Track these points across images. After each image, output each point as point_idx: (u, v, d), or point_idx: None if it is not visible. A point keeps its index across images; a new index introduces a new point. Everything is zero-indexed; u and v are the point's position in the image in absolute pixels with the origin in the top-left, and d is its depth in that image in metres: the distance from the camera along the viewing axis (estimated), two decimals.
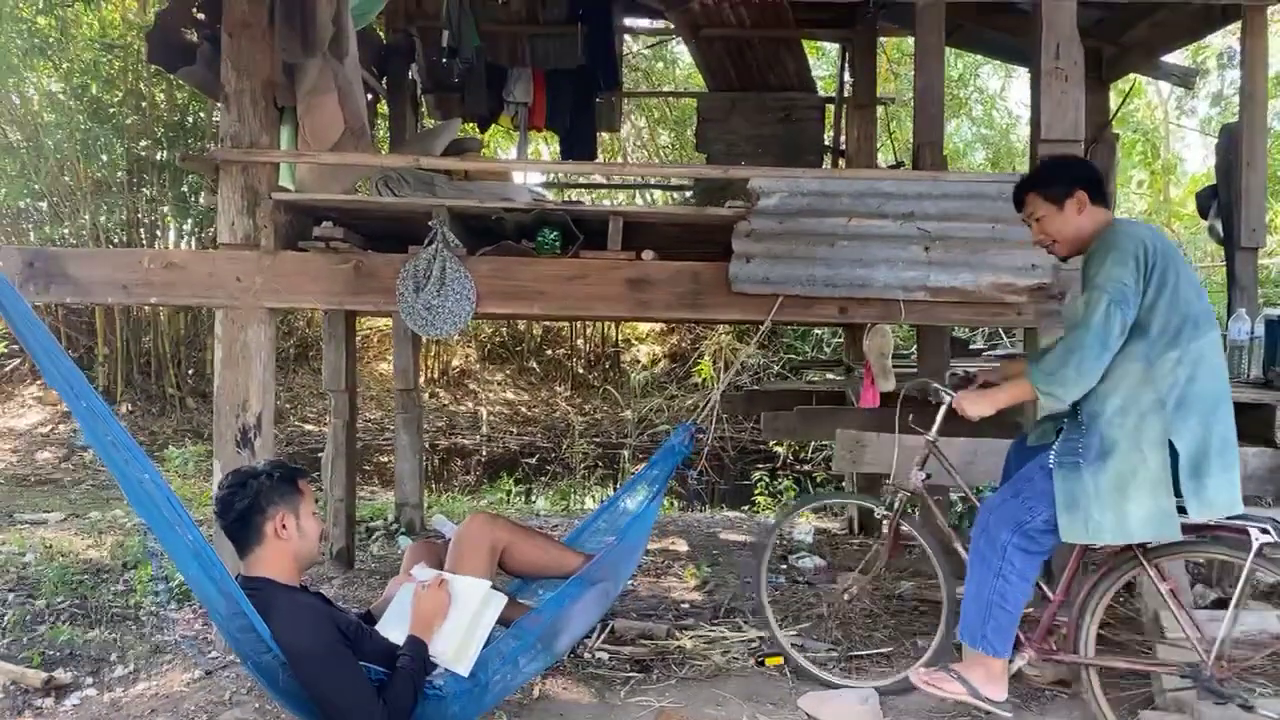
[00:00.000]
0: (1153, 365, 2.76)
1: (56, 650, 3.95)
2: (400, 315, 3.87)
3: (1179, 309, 2.76)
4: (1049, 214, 3.03)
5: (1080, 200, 2.97)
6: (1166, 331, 2.76)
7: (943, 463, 3.53)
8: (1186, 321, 2.76)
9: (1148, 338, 2.77)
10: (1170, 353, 2.75)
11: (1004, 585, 2.96)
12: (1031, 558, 2.97)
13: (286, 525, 2.62)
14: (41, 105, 10.60)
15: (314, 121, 4.17)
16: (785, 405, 6.49)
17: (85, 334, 10.92)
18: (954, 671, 3.11)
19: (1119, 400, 2.79)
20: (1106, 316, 2.74)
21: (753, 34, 7.03)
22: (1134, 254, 2.76)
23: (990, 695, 3.04)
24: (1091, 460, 2.80)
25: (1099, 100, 6.39)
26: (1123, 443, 2.77)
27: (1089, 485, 2.80)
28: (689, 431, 3.83)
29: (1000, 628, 2.99)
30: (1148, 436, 2.75)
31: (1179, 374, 2.75)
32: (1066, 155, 3.22)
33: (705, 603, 4.79)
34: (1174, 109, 15.93)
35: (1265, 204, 5.18)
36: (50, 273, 3.86)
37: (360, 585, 5.04)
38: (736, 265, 3.81)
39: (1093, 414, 2.84)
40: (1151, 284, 2.76)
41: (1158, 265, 2.76)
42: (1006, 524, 2.97)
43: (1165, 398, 2.75)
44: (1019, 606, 2.99)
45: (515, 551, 3.34)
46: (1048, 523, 2.91)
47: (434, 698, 2.74)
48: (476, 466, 10.85)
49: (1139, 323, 2.77)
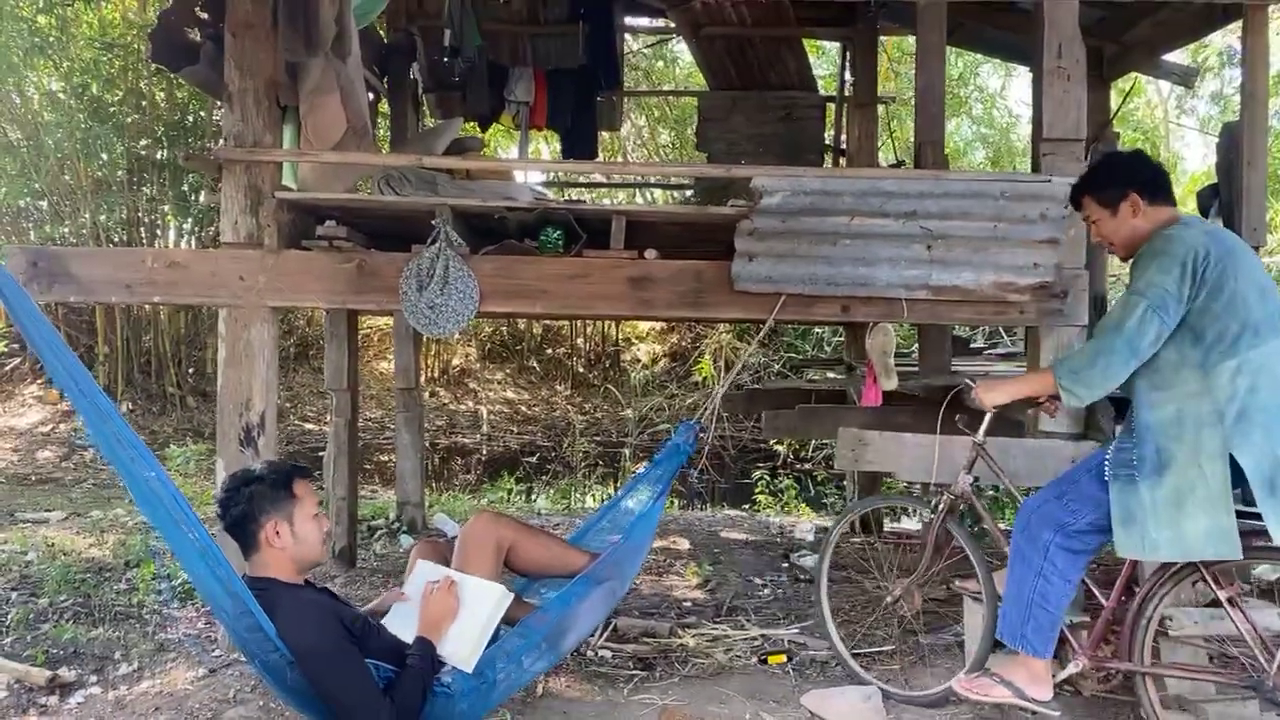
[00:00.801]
0: (1209, 374, 2.68)
1: (60, 648, 3.95)
2: (403, 314, 3.88)
3: (1237, 314, 2.67)
4: (1103, 217, 2.99)
5: (1134, 203, 2.91)
6: (1223, 339, 2.67)
7: (990, 465, 3.44)
8: (1246, 328, 2.66)
9: (1203, 344, 2.70)
10: (1228, 361, 2.66)
11: (1045, 585, 2.92)
12: (1075, 557, 2.92)
13: (280, 533, 2.62)
14: (42, 104, 10.61)
15: (316, 121, 4.17)
16: (786, 404, 6.50)
17: (86, 333, 10.92)
18: (996, 676, 3.06)
19: (1174, 410, 2.71)
20: (1141, 322, 2.71)
21: (754, 33, 7.03)
22: (1181, 259, 2.69)
23: (1035, 695, 2.99)
24: (1148, 474, 2.72)
25: (1100, 99, 6.39)
26: (1180, 456, 2.69)
27: (1145, 500, 2.72)
28: (692, 430, 3.84)
29: (1041, 627, 2.95)
30: (1206, 450, 2.66)
31: (1238, 384, 2.64)
32: (1120, 154, 3.14)
33: (707, 601, 4.80)
34: (1174, 108, 15.94)
35: (1266, 203, 5.18)
36: (54, 272, 3.86)
37: (362, 584, 5.05)
38: (739, 264, 3.81)
39: (1147, 424, 2.76)
40: (1204, 289, 2.68)
41: (1211, 269, 2.68)
42: (1049, 524, 2.92)
43: (1224, 409, 2.65)
44: (1061, 606, 2.95)
45: (520, 550, 3.34)
46: (1091, 525, 2.87)
47: (442, 695, 2.74)
48: (477, 465, 10.86)
49: (1192, 327, 2.70)
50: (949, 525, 3.53)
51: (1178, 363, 2.73)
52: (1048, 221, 3.76)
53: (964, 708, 3.38)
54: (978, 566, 3.45)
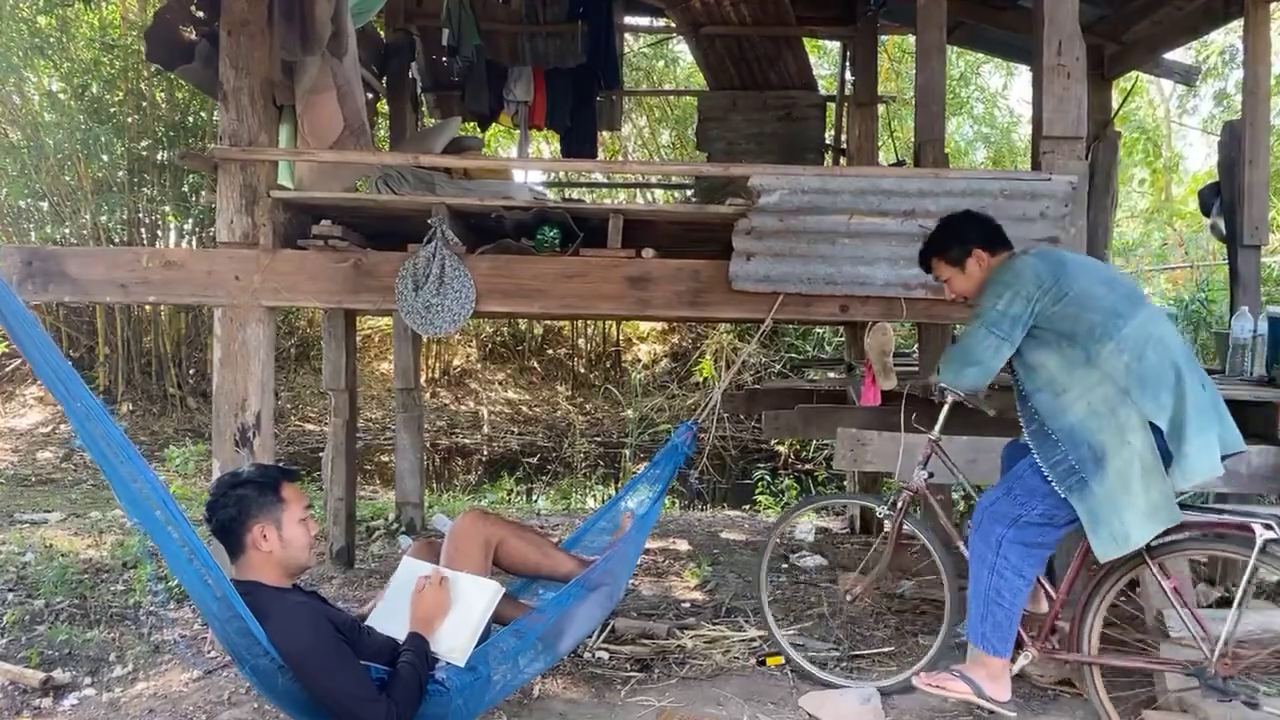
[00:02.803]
0: (1097, 363, 2.83)
1: (55, 650, 3.94)
2: (399, 314, 3.86)
3: (1092, 308, 2.87)
4: (954, 275, 3.20)
5: (979, 258, 3.14)
6: (1092, 330, 2.85)
7: (945, 461, 3.53)
8: (1107, 315, 2.85)
9: (1077, 342, 2.87)
10: (1106, 345, 2.83)
11: (999, 581, 2.99)
12: (1029, 553, 2.98)
13: (267, 536, 2.59)
14: (42, 105, 10.60)
15: (313, 120, 4.15)
16: (786, 404, 6.47)
17: (86, 334, 10.92)
18: (956, 671, 3.12)
19: (1084, 405, 2.84)
20: (979, 339, 2.97)
21: (754, 32, 7.02)
22: (1009, 283, 2.95)
23: (993, 695, 3.05)
24: (1092, 471, 2.81)
25: (1101, 98, 6.37)
26: (1110, 441, 2.79)
27: (1100, 496, 2.80)
28: (691, 430, 3.82)
29: (998, 624, 3.01)
30: (1129, 426, 2.78)
31: (1124, 359, 2.81)
32: (957, 216, 3.31)
33: (706, 602, 4.77)
34: (1175, 108, 15.92)
35: (1268, 201, 5.16)
36: (49, 271, 3.85)
37: (360, 585, 5.03)
38: (737, 263, 3.79)
39: (1069, 428, 2.86)
40: (1047, 298, 2.90)
41: (1047, 284, 2.91)
42: (1001, 520, 3.01)
43: (1125, 385, 2.80)
44: (1016, 604, 3.00)
45: (509, 548, 3.33)
46: (1043, 516, 2.94)
47: (437, 693, 2.73)
48: (477, 466, 10.84)
49: (1059, 333, 2.89)
50: (907, 522, 3.59)
51: (1066, 366, 2.88)
52: (1048, 220, 3.74)
53: (961, 707, 3.36)
54: (939, 562, 3.52)
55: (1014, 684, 3.13)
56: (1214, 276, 11.44)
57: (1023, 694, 3.47)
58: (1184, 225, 14.16)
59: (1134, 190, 15.35)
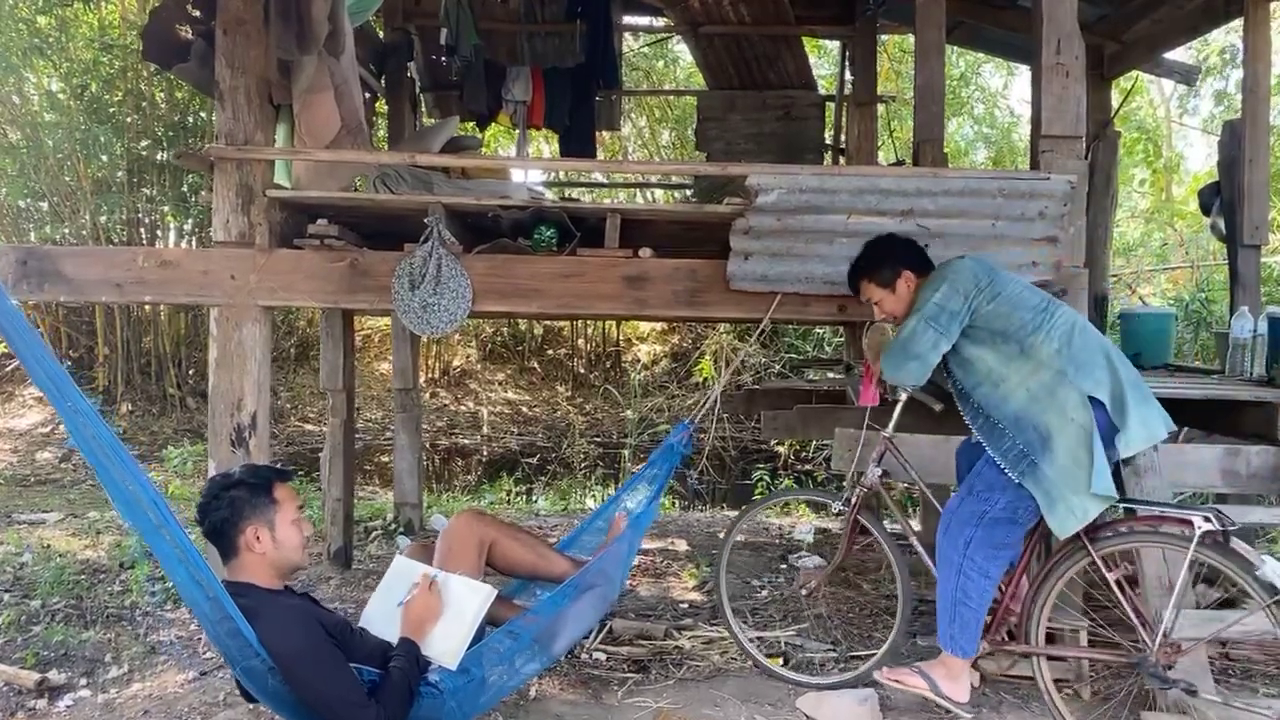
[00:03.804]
0: (1031, 353, 2.97)
1: (51, 650, 3.93)
2: (396, 313, 3.85)
3: (1020, 306, 3.03)
4: (884, 297, 3.32)
5: (908, 279, 3.26)
6: (1024, 325, 3.00)
7: (898, 458, 3.59)
8: (1033, 310, 3.02)
9: (1010, 336, 3.01)
10: (1037, 335, 2.98)
11: (966, 582, 3.05)
12: (996, 554, 3.05)
13: (260, 538, 2.57)
14: (41, 105, 10.60)
15: (310, 119, 4.14)
16: (785, 404, 6.45)
17: (85, 334, 10.91)
18: (918, 668, 3.21)
19: (1024, 392, 2.96)
20: (917, 334, 3.09)
21: (753, 31, 7.01)
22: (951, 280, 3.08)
23: (949, 694, 3.14)
24: (1040, 452, 2.91)
25: (1100, 97, 6.36)
26: (1054, 421, 2.91)
27: (1052, 475, 2.90)
28: (687, 430, 3.81)
29: (965, 624, 3.07)
30: (1070, 404, 2.90)
31: (1056, 343, 2.96)
32: (883, 239, 3.42)
33: (704, 603, 4.76)
34: (1175, 108, 15.89)
35: (1268, 201, 5.14)
36: (44, 271, 3.84)
37: (358, 585, 5.01)
38: (735, 263, 3.78)
39: (1013, 416, 2.98)
40: (982, 296, 3.05)
41: (983, 283, 3.07)
42: (968, 521, 3.07)
43: (1062, 366, 2.93)
44: (983, 604, 3.08)
45: (503, 549, 3.32)
46: (1007, 509, 3.02)
47: (430, 695, 2.71)
48: (477, 466, 10.83)
49: (991, 330, 3.03)
50: (861, 518, 3.64)
51: (1002, 360, 3.01)
52: (1046, 220, 3.73)
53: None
54: (892, 558, 3.57)
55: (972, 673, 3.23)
56: (1214, 276, 11.41)
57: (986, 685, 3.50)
58: (1184, 225, 14.13)
59: (1134, 190, 15.32)
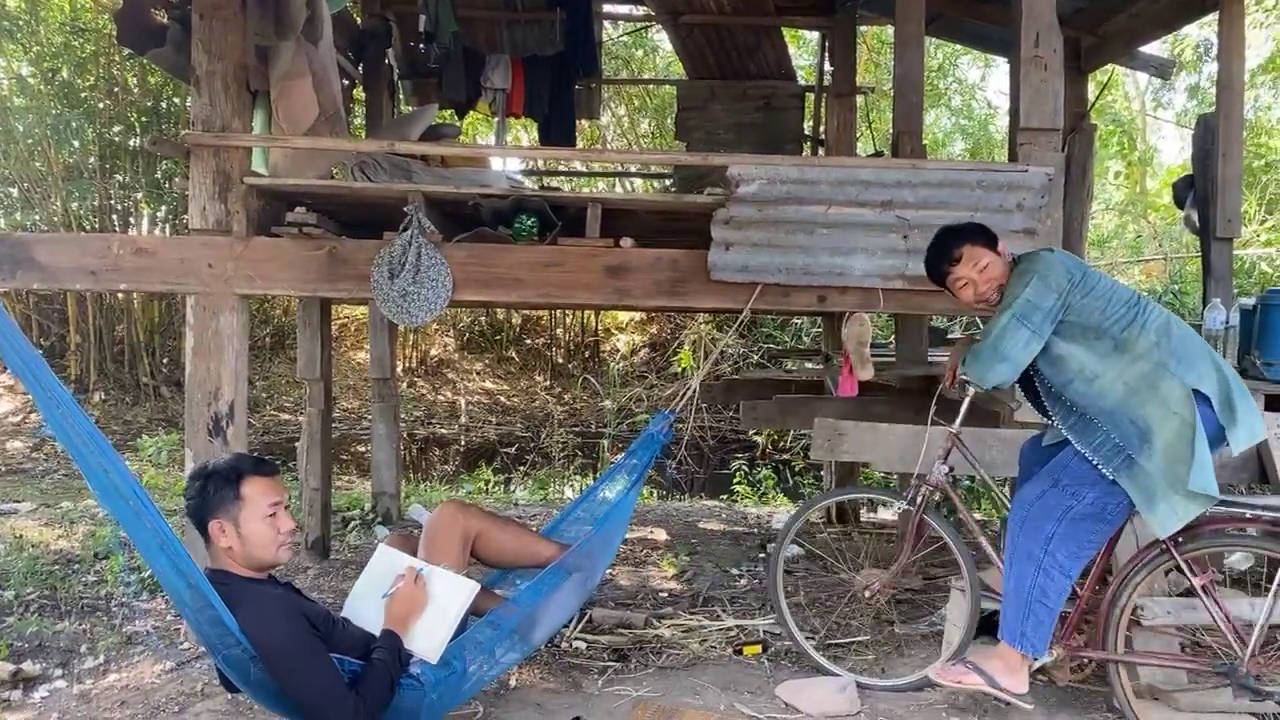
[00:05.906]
0: (1128, 346, 2.84)
1: (25, 642, 3.89)
2: (375, 302, 3.82)
3: (1114, 299, 2.91)
4: (992, 260, 3.11)
5: (1006, 254, 3.13)
6: (1119, 319, 2.87)
7: (966, 455, 3.45)
8: (1125, 305, 2.90)
9: (1105, 331, 2.87)
10: (1132, 328, 2.85)
11: (1046, 580, 2.90)
12: (1079, 551, 2.91)
13: (225, 532, 2.55)
14: (11, 89, 10.43)
15: (288, 106, 4.11)
16: (764, 394, 6.48)
17: (57, 322, 10.77)
18: (971, 664, 3.07)
19: (1122, 386, 2.82)
20: (1008, 331, 2.92)
21: (733, 21, 6.99)
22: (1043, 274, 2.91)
23: (1009, 687, 2.99)
24: (1139, 447, 2.78)
25: (1077, 90, 6.40)
26: (1154, 415, 2.77)
27: (1151, 470, 2.76)
28: (668, 419, 3.81)
29: (1040, 623, 2.94)
30: (1173, 397, 2.76)
31: (1153, 335, 2.83)
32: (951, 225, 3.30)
33: (683, 591, 4.78)
34: (1150, 101, 16.05)
35: (1240, 194, 5.21)
36: (16, 258, 3.78)
37: (336, 575, 4.99)
38: (715, 253, 3.78)
39: (1109, 411, 2.84)
40: (1078, 292, 2.90)
41: (1076, 277, 2.92)
42: (1050, 515, 2.91)
43: (1162, 359, 2.80)
44: (1059, 603, 2.94)
45: (488, 540, 3.30)
46: (1094, 505, 2.87)
47: (411, 687, 2.70)
48: (455, 456, 10.80)
49: (1084, 325, 2.89)
50: (927, 516, 3.51)
51: (1095, 357, 2.88)
52: (1024, 211, 3.76)
53: (938, 696, 3.38)
54: (960, 557, 3.45)
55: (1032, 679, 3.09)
56: (1187, 269, 11.56)
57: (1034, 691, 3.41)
58: (1158, 218, 14.30)
59: (1109, 183, 15.48)
